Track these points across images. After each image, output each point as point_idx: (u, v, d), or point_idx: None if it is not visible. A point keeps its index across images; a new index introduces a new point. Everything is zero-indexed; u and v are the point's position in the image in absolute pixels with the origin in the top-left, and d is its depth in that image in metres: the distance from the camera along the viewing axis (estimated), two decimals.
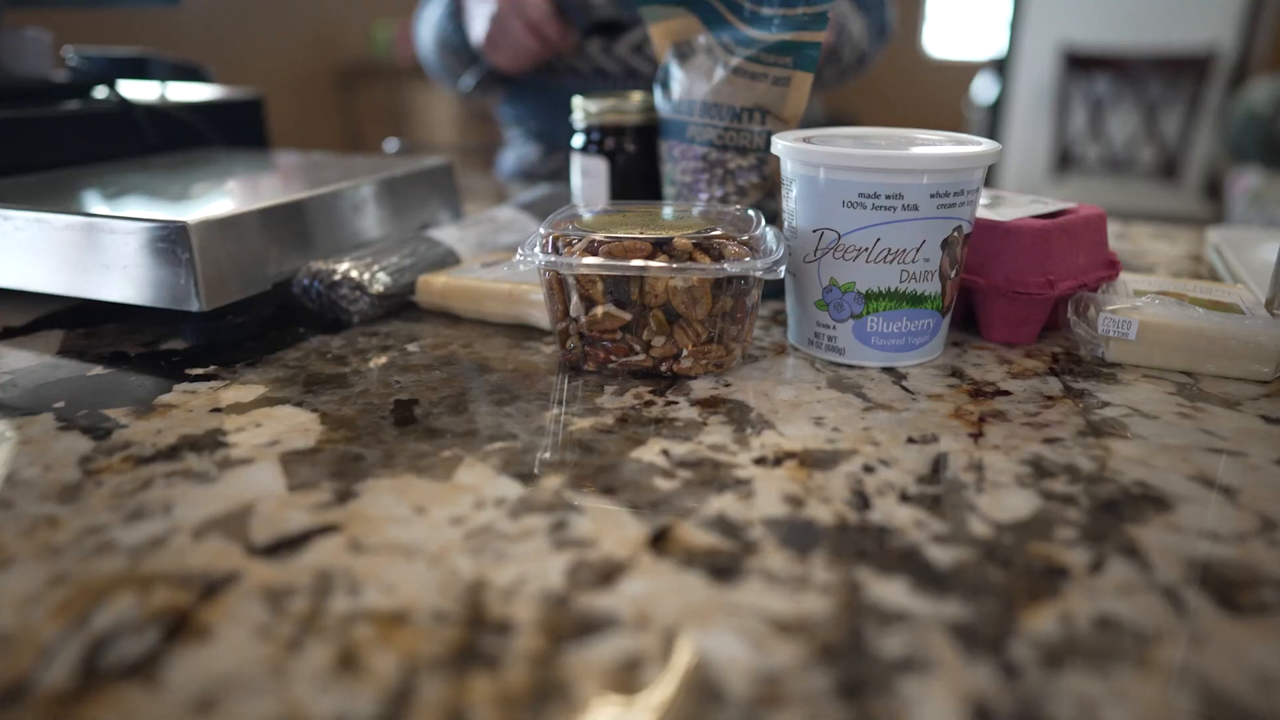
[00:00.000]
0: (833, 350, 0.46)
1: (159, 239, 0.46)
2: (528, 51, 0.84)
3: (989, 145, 0.43)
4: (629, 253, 0.41)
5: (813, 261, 0.44)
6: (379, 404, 0.41)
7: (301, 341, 0.49)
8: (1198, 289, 0.50)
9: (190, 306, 0.46)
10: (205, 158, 0.69)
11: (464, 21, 0.91)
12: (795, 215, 0.45)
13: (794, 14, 0.50)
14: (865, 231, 0.42)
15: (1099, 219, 0.49)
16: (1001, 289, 0.47)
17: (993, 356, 0.47)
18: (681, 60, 0.57)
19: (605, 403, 0.41)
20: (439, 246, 0.58)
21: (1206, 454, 0.36)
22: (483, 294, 0.51)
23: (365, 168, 0.64)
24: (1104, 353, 0.46)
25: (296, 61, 3.08)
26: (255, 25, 2.92)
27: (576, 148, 0.62)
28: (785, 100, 0.51)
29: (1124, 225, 0.79)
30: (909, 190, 0.41)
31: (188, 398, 0.41)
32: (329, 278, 0.51)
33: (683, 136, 0.56)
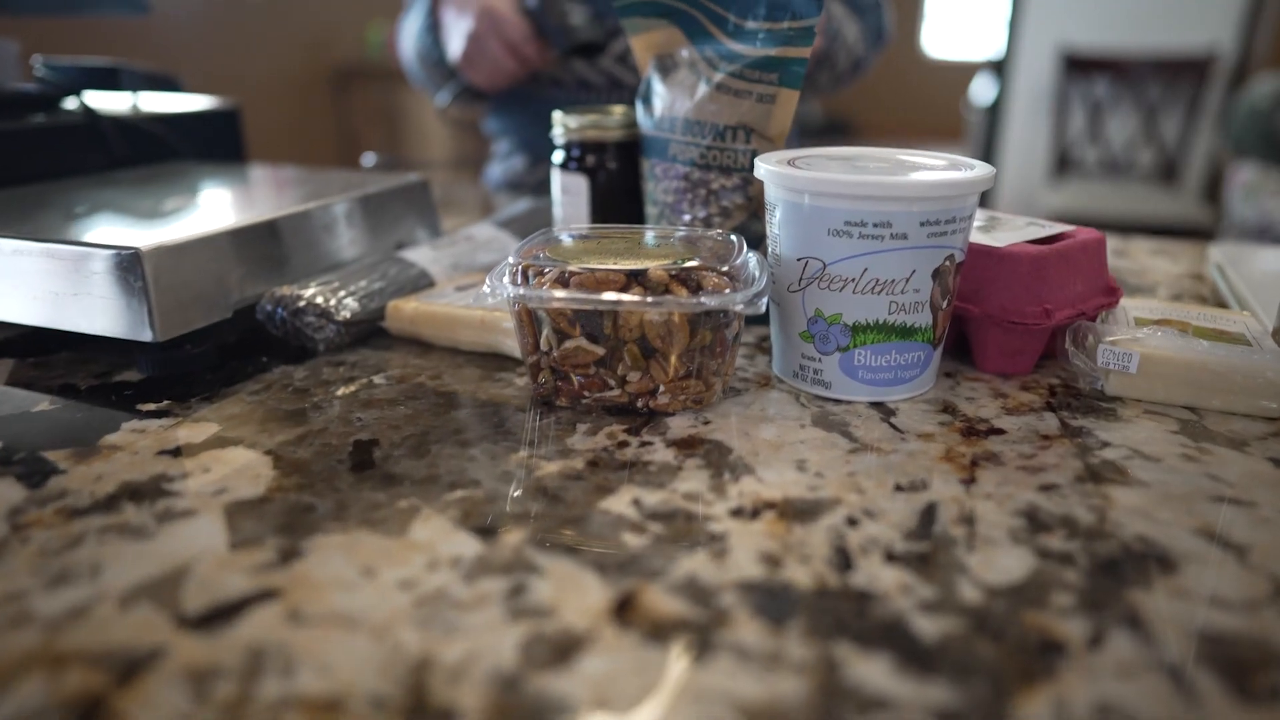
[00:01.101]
0: (819, 384, 0.43)
1: (111, 266, 0.44)
2: (506, 71, 0.82)
3: (982, 170, 0.41)
4: (601, 285, 0.39)
5: (797, 291, 0.42)
6: (337, 445, 0.38)
7: (263, 373, 0.47)
8: (1201, 316, 0.47)
9: (144, 337, 0.44)
10: (174, 172, 0.67)
11: (442, 37, 0.89)
12: (779, 242, 0.43)
13: (779, 29, 0.48)
14: (852, 261, 0.40)
15: (1098, 244, 0.47)
16: (996, 319, 0.45)
17: (986, 389, 0.45)
18: (663, 74, 0.55)
19: (576, 443, 0.39)
20: (412, 269, 0.55)
21: (1213, 504, 0.34)
22: (454, 321, 0.49)
23: (339, 184, 0.62)
24: (1103, 385, 0.44)
25: (290, 64, 3.05)
26: (250, 28, 2.89)
27: (556, 164, 0.60)
28: (770, 118, 0.49)
29: (1123, 241, 0.77)
30: (898, 219, 0.39)
31: (135, 438, 0.39)
32: (293, 304, 0.49)
33: (664, 155, 0.53)
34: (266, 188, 0.62)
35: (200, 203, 0.55)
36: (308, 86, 3.12)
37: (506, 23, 0.79)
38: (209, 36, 2.76)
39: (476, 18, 0.80)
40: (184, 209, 0.53)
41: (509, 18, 0.79)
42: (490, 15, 0.79)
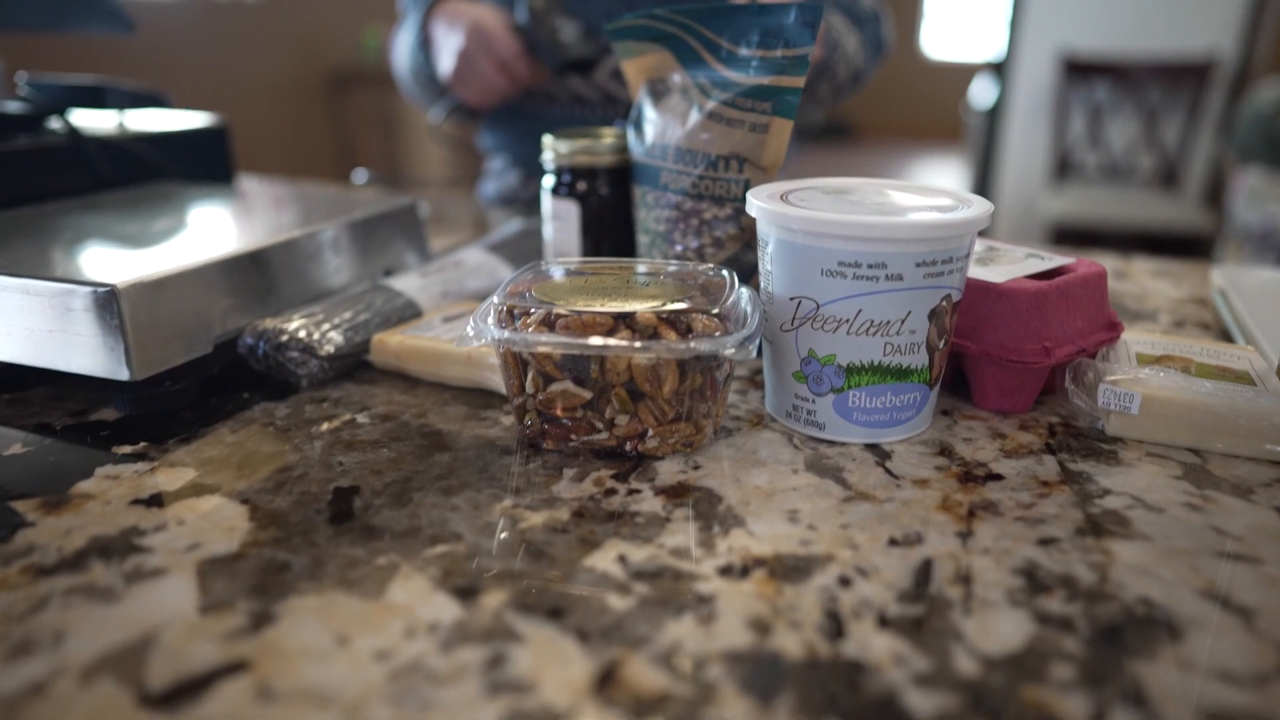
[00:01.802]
0: (812, 425, 0.42)
1: (87, 304, 0.43)
2: (496, 89, 0.81)
3: (979, 209, 0.39)
4: (588, 328, 0.38)
5: (790, 330, 0.41)
6: (317, 492, 0.37)
7: (244, 409, 0.46)
8: (1204, 352, 0.46)
9: (120, 376, 0.43)
10: (159, 195, 0.66)
11: (432, 53, 0.88)
12: (771, 279, 0.42)
13: (772, 57, 0.47)
14: (846, 302, 0.39)
15: (1098, 278, 0.46)
16: (994, 356, 0.44)
17: (984, 428, 0.44)
18: (655, 99, 0.54)
19: (562, 490, 0.38)
20: (398, 298, 0.54)
21: (1218, 560, 0.33)
22: (440, 357, 0.48)
23: (327, 208, 0.61)
24: (1104, 425, 0.43)
25: (285, 69, 3.04)
26: (244, 33, 2.88)
27: (547, 189, 0.59)
28: (764, 148, 0.48)
29: (1123, 260, 0.76)
30: (893, 260, 0.38)
31: (109, 485, 0.38)
32: (276, 339, 0.48)
33: (656, 183, 0.52)
34: (252, 212, 0.61)
35: (183, 230, 0.54)
36: (303, 92, 3.11)
37: (497, 40, 0.78)
38: (204, 41, 2.75)
39: (466, 35, 0.79)
40: (165, 238, 0.52)
41: (499, 35, 0.78)
42: (480, 32, 0.78)
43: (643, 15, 0.53)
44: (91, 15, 0.71)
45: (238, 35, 2.86)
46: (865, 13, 0.89)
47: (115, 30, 0.71)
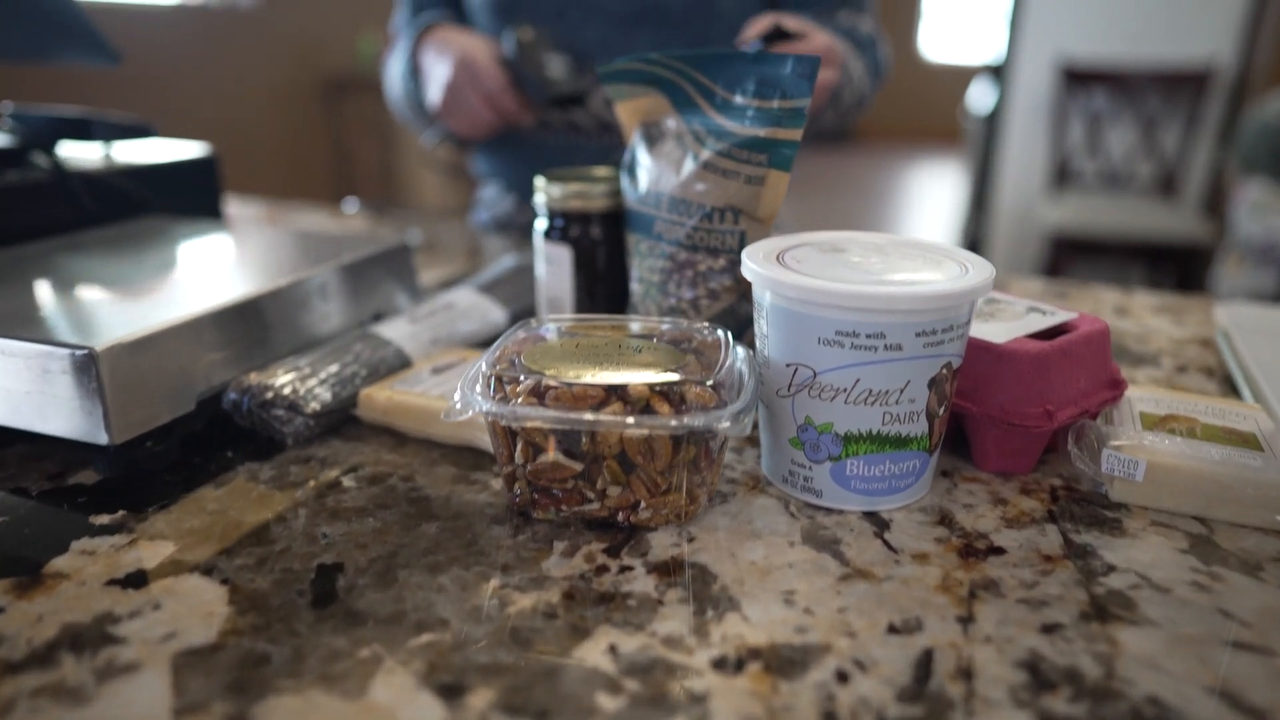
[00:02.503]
0: (809, 491, 0.41)
1: (65, 366, 0.41)
2: (484, 122, 0.80)
3: (979, 276, 0.38)
4: (579, 400, 0.37)
5: (786, 397, 0.40)
6: (299, 570, 0.36)
7: (227, 471, 0.45)
8: (1210, 411, 0.45)
9: (99, 440, 0.42)
10: (145, 233, 0.64)
11: (421, 82, 0.87)
12: (767, 343, 0.41)
13: (768, 107, 0.46)
14: (843, 371, 0.38)
15: (1101, 335, 0.45)
16: (995, 418, 0.43)
17: (985, 492, 0.43)
18: (649, 144, 0.53)
19: (552, 568, 0.37)
20: (387, 347, 0.53)
21: (1227, 650, 0.32)
22: (428, 415, 0.47)
23: (316, 250, 0.59)
24: (1108, 490, 0.42)
25: (281, 76, 3.02)
26: (239, 40, 2.87)
27: (539, 231, 0.58)
28: (759, 200, 0.47)
29: (1125, 296, 0.75)
30: (892, 330, 0.37)
31: (84, 562, 0.37)
32: (260, 396, 0.46)
33: (649, 232, 0.51)
34: (239, 254, 0.59)
35: (166, 277, 0.53)
36: (298, 99, 3.09)
37: (483, 74, 0.77)
38: (198, 49, 2.74)
39: (454, 67, 0.78)
40: (147, 287, 0.51)
41: (486, 68, 0.77)
42: (467, 65, 0.77)
43: (637, 59, 0.52)
44: (76, 47, 0.70)
45: (233, 43, 2.84)
46: (865, 37, 0.88)
47: (101, 63, 0.70)
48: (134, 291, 0.50)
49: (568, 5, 0.84)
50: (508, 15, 0.86)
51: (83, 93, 2.40)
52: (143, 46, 2.56)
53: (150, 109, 2.59)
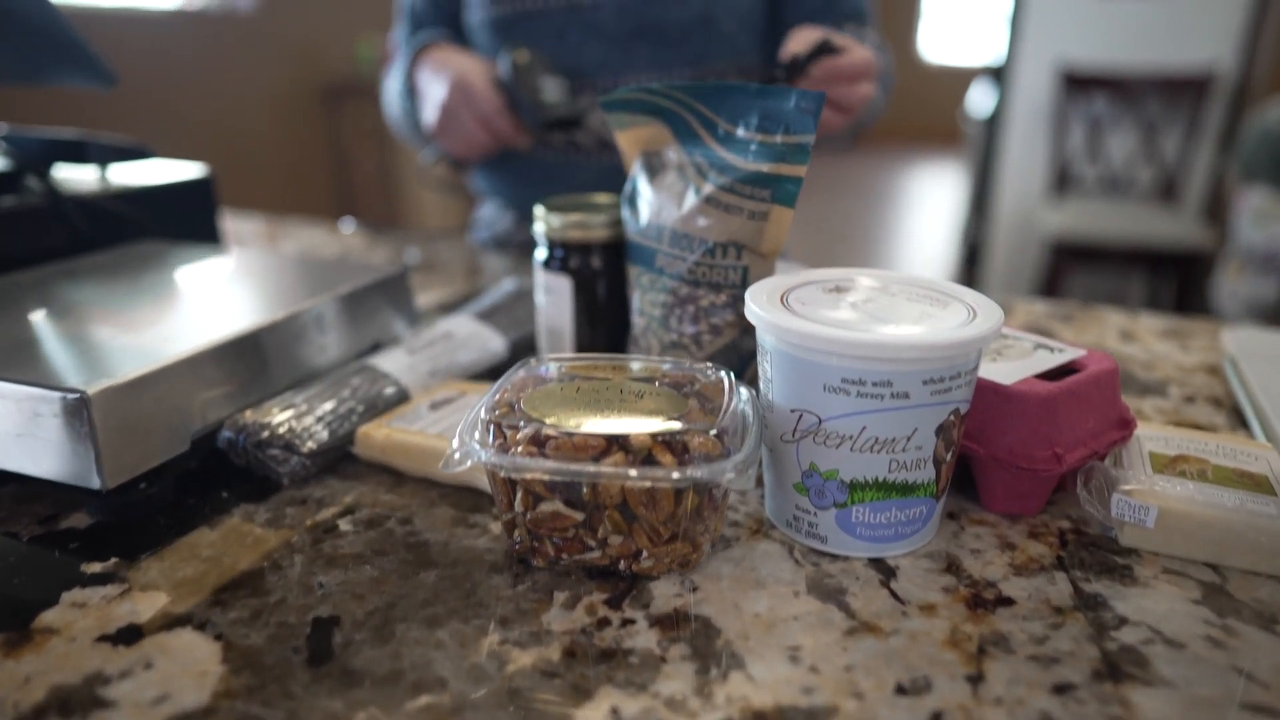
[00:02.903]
0: (814, 537, 0.41)
1: (56, 410, 0.41)
2: (479, 144, 0.79)
3: (988, 322, 0.38)
4: (579, 450, 0.36)
5: (791, 442, 0.39)
6: (295, 624, 0.36)
7: (222, 514, 0.44)
8: (1221, 451, 0.45)
9: (90, 484, 0.41)
10: (140, 259, 0.64)
11: (417, 102, 0.87)
12: (771, 387, 0.40)
13: (772, 142, 0.45)
14: (849, 419, 0.37)
15: (1110, 375, 0.44)
16: (1003, 461, 0.42)
17: (992, 536, 0.42)
18: (650, 175, 0.52)
19: (553, 621, 0.36)
20: (384, 381, 0.52)
21: (1245, 716, 0.31)
22: (426, 454, 0.46)
23: (313, 279, 0.59)
24: (1118, 535, 0.41)
25: (279, 81, 3.01)
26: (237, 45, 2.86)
27: (538, 261, 0.57)
28: (762, 235, 0.46)
29: (1130, 320, 0.75)
30: (899, 378, 0.36)
31: (75, 616, 0.36)
32: (256, 435, 0.46)
33: (651, 265, 0.51)
34: (235, 283, 0.58)
35: (160, 309, 0.52)
36: (297, 103, 3.08)
37: (478, 96, 0.76)
38: (196, 54, 2.73)
39: (449, 88, 0.77)
40: (141, 321, 0.50)
41: (481, 91, 0.76)
42: (462, 87, 0.76)
43: (638, 89, 0.52)
44: (71, 69, 0.69)
45: (231, 47, 2.83)
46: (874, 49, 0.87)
47: (96, 84, 0.69)
48: (127, 325, 0.49)
49: (567, 24, 0.83)
50: (507, 33, 0.86)
51: (79, 102, 2.39)
52: (140, 53, 2.55)
53: (148, 115, 2.58)
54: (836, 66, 0.68)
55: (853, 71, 0.69)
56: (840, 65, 0.68)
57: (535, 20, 0.84)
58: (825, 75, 0.68)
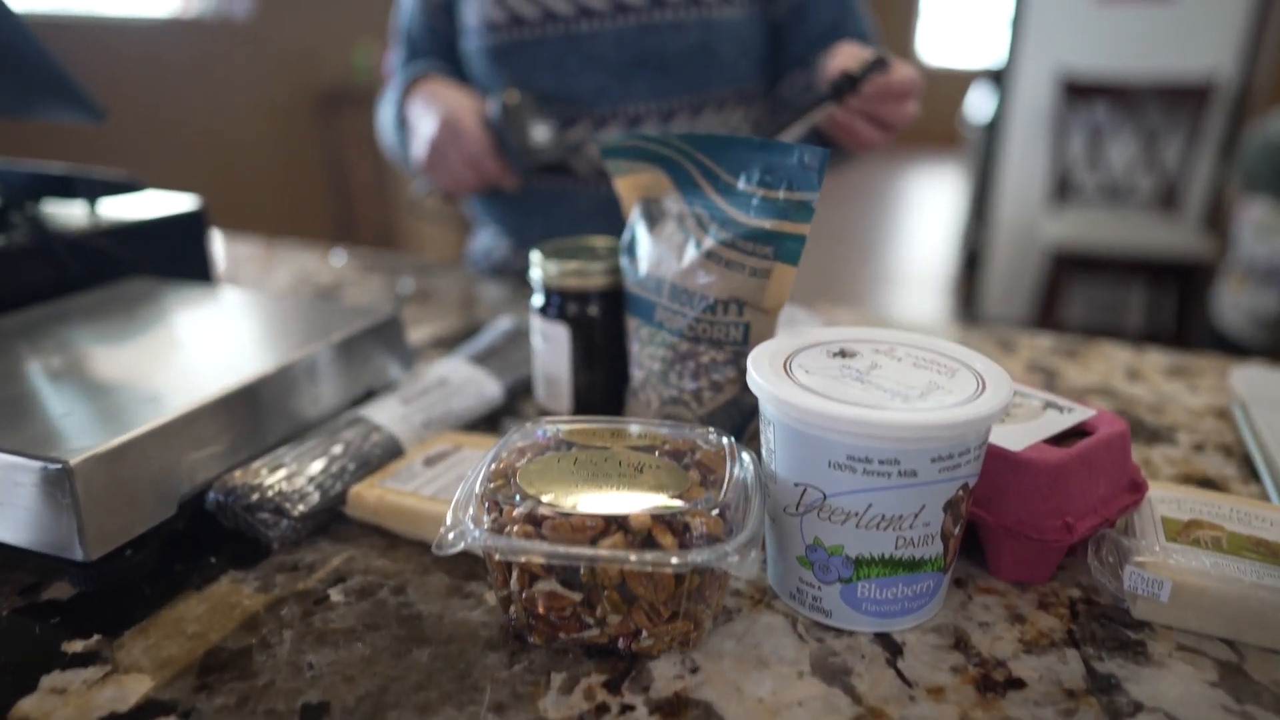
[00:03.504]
0: (818, 611, 0.39)
1: (37, 480, 0.39)
2: (466, 182, 0.78)
3: (998, 395, 0.37)
4: (577, 531, 0.35)
5: (794, 515, 0.38)
6: (283, 712, 0.34)
7: (210, 582, 0.43)
8: (1235, 515, 0.43)
9: (73, 555, 0.40)
10: (129, 301, 0.62)
11: (408, 135, 0.86)
12: (774, 458, 0.39)
13: (774, 198, 0.44)
14: (855, 496, 0.36)
15: (1121, 438, 0.43)
16: (1012, 529, 0.41)
17: (1001, 607, 0.41)
18: (650, 223, 0.51)
19: (549, 707, 0.35)
20: (378, 433, 0.51)
21: None
22: (420, 518, 0.45)
23: (305, 323, 0.58)
24: (1130, 607, 0.40)
25: (275, 89, 3.00)
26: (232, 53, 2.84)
27: (535, 308, 0.56)
28: (764, 292, 0.45)
29: (1136, 356, 0.73)
30: (906, 456, 0.35)
31: (55, 704, 0.35)
32: (245, 498, 0.45)
33: (650, 318, 0.49)
34: (225, 330, 0.57)
35: (147, 362, 0.51)
36: (293, 111, 3.07)
37: (467, 135, 0.75)
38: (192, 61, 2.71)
39: (438, 126, 0.76)
40: (127, 376, 0.49)
41: (469, 130, 0.75)
42: (451, 126, 0.75)
43: (636, 137, 0.50)
44: (60, 103, 0.68)
45: (226, 55, 2.82)
46: None
47: (85, 119, 0.68)
48: (113, 381, 0.48)
49: (565, 53, 0.82)
50: (503, 62, 0.84)
51: None
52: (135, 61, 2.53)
53: (143, 123, 2.56)
54: (888, 84, 0.67)
55: (902, 90, 0.68)
56: (892, 83, 0.67)
57: (532, 48, 0.83)
58: (878, 93, 0.67)
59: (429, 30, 0.93)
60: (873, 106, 0.68)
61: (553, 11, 0.82)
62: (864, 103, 0.68)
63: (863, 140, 0.73)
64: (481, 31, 0.86)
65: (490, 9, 0.84)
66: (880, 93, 0.67)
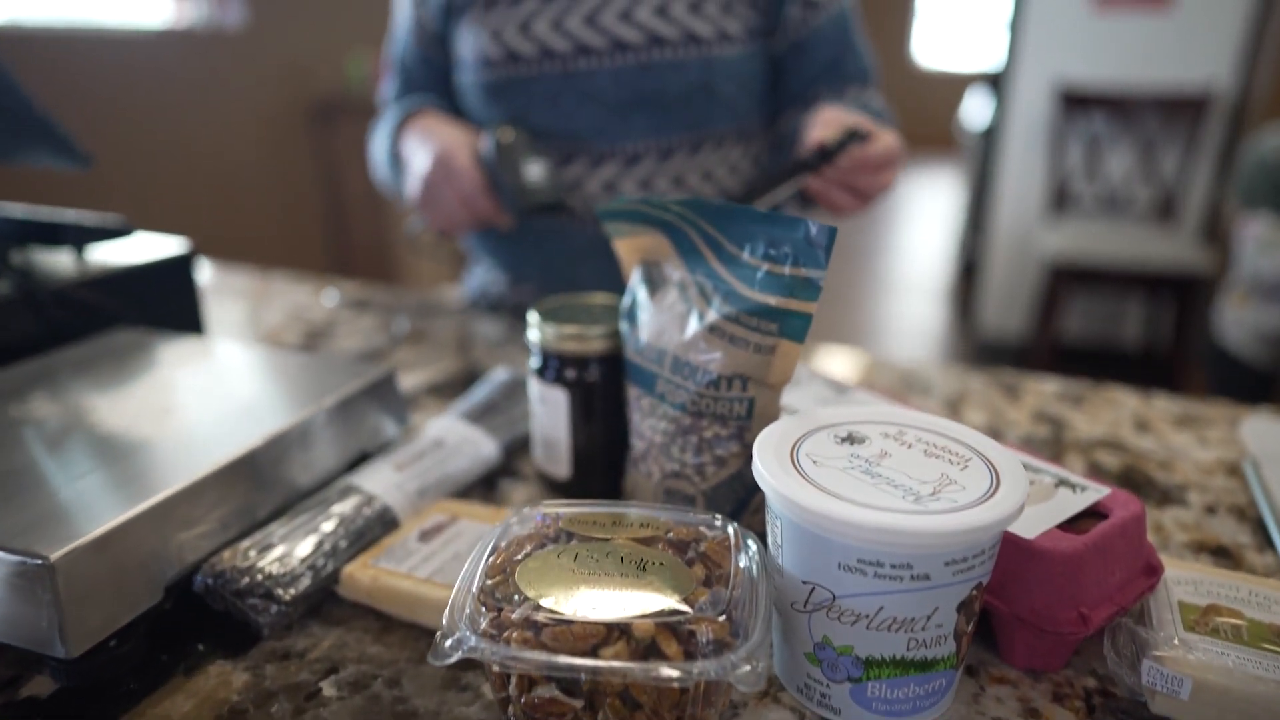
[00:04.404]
0: (826, 708, 0.38)
1: (15, 574, 0.38)
2: (460, 220, 0.77)
3: (1014, 491, 0.35)
4: (578, 639, 0.33)
5: (803, 613, 0.37)
6: None
7: (196, 672, 0.41)
8: (1255, 599, 0.42)
9: (53, 652, 0.39)
10: (116, 358, 0.61)
11: (401, 170, 0.85)
12: (782, 553, 0.38)
13: (780, 273, 0.43)
14: (866, 598, 0.35)
15: (1136, 521, 0.42)
16: (1025, 620, 0.40)
17: (1014, 699, 0.40)
18: (651, 289, 0.50)
19: None
20: (372, 505, 0.50)
21: None
22: (415, 602, 0.44)
23: (296, 385, 0.56)
24: (1148, 702, 0.39)
25: (268, 99, 2.98)
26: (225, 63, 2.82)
27: (532, 369, 0.54)
28: (770, 368, 0.44)
29: (1144, 403, 0.72)
30: (919, 560, 0.34)
31: None
32: (234, 583, 0.43)
33: (651, 389, 0.48)
34: (213, 393, 0.56)
35: (133, 435, 0.49)
36: (286, 122, 3.05)
37: (460, 173, 0.74)
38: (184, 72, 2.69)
39: (432, 163, 0.75)
40: (112, 453, 0.47)
41: (463, 168, 0.74)
42: (444, 163, 0.74)
43: (636, 201, 0.49)
44: (45, 149, 0.66)
45: (219, 65, 2.80)
46: (878, 113, 0.85)
47: (71, 165, 0.67)
48: (97, 455, 0.47)
49: (562, 90, 0.81)
50: (499, 98, 0.83)
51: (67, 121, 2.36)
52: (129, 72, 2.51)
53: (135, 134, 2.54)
54: (865, 156, 0.67)
55: (879, 161, 0.68)
56: (868, 155, 0.67)
57: (529, 85, 0.82)
58: (854, 165, 0.67)
59: (423, 61, 0.92)
60: (848, 177, 0.69)
61: (550, 48, 0.81)
62: (840, 174, 0.68)
63: (839, 208, 0.73)
64: (476, 67, 0.84)
65: (486, 44, 0.83)
66: (856, 164, 0.68)
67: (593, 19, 0.80)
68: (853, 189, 0.70)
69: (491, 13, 0.83)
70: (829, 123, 0.69)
